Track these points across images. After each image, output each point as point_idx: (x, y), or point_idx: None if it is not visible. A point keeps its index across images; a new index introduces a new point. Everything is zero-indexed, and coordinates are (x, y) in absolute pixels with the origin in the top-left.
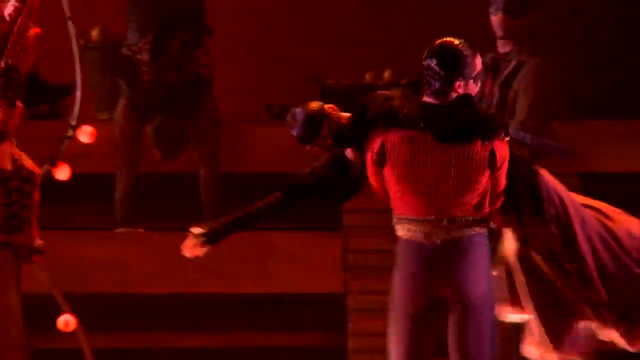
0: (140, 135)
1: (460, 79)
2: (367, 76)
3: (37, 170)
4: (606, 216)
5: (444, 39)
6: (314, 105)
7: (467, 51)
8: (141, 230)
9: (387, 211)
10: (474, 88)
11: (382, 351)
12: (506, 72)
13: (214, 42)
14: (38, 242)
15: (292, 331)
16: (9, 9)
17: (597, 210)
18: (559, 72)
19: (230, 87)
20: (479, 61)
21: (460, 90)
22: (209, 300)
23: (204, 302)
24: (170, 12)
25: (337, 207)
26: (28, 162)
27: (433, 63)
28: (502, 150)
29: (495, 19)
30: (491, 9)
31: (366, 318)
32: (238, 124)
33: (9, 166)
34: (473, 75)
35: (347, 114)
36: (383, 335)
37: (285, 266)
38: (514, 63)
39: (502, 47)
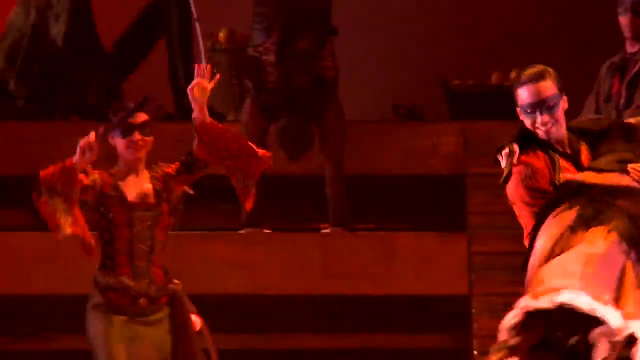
0: (266, 135)
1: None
2: (494, 77)
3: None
4: None
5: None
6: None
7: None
8: (267, 231)
9: (512, 213)
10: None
11: None
12: (634, 71)
13: (340, 42)
14: None
15: (416, 333)
16: None
17: None
18: None
19: (356, 88)
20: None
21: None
22: (333, 301)
23: (328, 303)
24: (296, 12)
25: (462, 209)
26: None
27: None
28: None
29: (624, 19)
30: (620, 10)
31: (491, 320)
32: (363, 125)
33: None
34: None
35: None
36: None
37: (409, 268)
38: None
39: (631, 47)
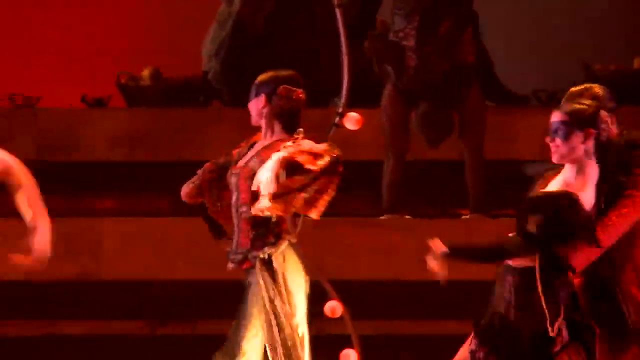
0: (406, 121)
1: None
2: (636, 62)
3: None
4: None
5: None
6: None
7: None
8: (407, 217)
9: None
10: None
11: None
12: None
13: (481, 27)
14: None
15: None
16: None
17: None
18: None
19: (498, 73)
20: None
21: None
22: (474, 287)
23: (469, 289)
24: None
25: None
26: None
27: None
28: None
29: None
30: None
31: None
32: (503, 110)
33: None
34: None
35: None
36: None
37: None
38: None
39: None
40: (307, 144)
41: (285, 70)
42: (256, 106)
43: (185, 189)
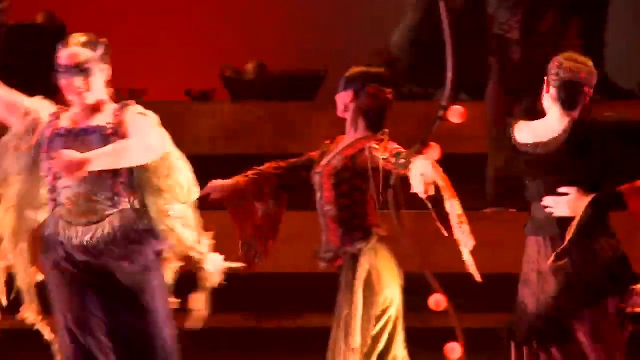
0: (509, 116)
1: None
2: None
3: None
4: None
5: None
6: None
7: None
8: (512, 210)
9: None
10: None
11: None
12: None
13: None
14: None
15: None
16: None
17: None
18: None
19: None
20: None
21: None
22: None
23: None
24: None
25: None
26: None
27: None
28: None
29: None
30: None
31: None
32: (607, 103)
33: None
34: None
35: None
36: None
37: None
38: None
39: None
40: (393, 146)
41: (376, 67)
42: (343, 100)
43: (223, 182)
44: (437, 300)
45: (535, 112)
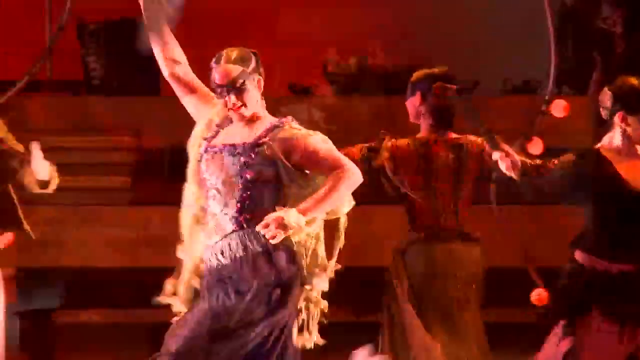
0: None
1: None
2: None
3: None
4: None
5: None
6: None
7: None
8: None
9: None
10: None
11: None
12: None
13: None
14: None
15: None
16: None
17: None
18: None
19: None
20: None
21: None
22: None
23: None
24: None
25: None
26: None
27: None
28: None
29: None
30: None
31: None
32: None
33: None
34: None
35: None
36: None
37: None
38: None
39: None
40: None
41: (439, 67)
42: (413, 104)
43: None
44: (539, 295)
45: None
